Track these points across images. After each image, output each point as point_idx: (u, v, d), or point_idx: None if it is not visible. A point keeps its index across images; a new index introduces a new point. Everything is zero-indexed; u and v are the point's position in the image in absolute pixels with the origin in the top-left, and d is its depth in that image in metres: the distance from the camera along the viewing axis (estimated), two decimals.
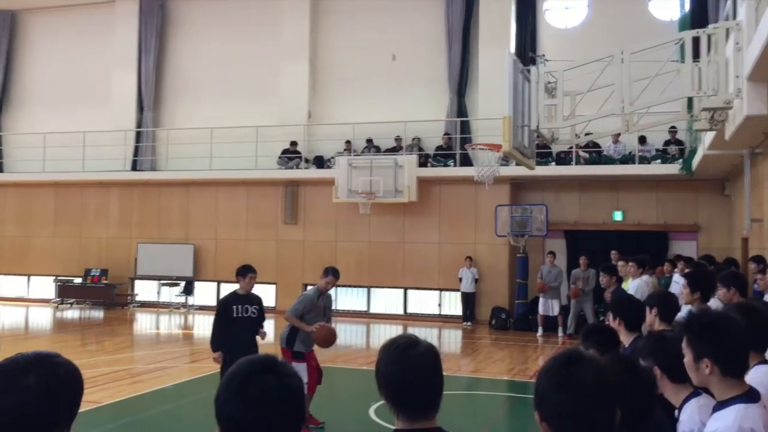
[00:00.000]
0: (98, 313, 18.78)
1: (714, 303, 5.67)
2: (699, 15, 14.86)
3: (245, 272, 7.28)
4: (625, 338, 4.26)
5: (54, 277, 20.36)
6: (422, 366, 2.06)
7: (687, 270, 8.55)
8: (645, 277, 11.61)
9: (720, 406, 2.57)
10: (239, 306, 7.21)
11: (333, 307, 8.28)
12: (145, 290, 20.17)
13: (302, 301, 7.60)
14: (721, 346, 2.57)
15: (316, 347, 7.63)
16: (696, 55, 8.40)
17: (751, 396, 2.56)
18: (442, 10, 18.40)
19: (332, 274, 7.61)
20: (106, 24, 21.18)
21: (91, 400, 8.47)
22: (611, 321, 4.38)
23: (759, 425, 2.49)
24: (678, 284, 9.24)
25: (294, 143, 18.65)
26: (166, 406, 8.98)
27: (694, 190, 16.22)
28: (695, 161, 14.16)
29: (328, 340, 7.47)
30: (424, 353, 2.08)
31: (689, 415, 2.87)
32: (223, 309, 7.27)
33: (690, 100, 9.08)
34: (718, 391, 2.59)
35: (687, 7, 15.87)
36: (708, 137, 11.35)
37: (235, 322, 7.15)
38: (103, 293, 19.70)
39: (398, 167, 16.84)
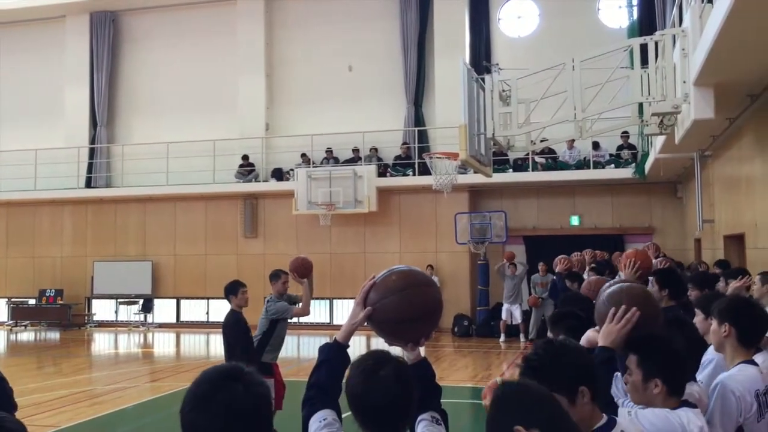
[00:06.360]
0: (54, 335, 18.31)
1: None
2: (647, 22, 15.26)
3: (238, 288, 6.90)
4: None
5: (7, 299, 19.81)
6: (392, 386, 2.02)
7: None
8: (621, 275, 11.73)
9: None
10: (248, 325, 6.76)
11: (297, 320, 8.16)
12: (102, 309, 19.75)
13: (273, 305, 7.24)
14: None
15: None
16: (644, 62, 8.61)
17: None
18: (397, 21, 18.51)
19: (282, 273, 7.30)
20: (57, 39, 20.76)
21: (49, 424, 8.26)
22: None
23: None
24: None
25: (246, 157, 18.52)
26: (127, 427, 8.79)
27: (648, 193, 16.59)
28: (647, 165, 14.49)
29: (305, 265, 7.20)
30: (394, 373, 2.04)
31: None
32: (248, 330, 6.83)
33: (640, 106, 9.30)
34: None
35: (635, 14, 16.31)
36: (659, 141, 11.63)
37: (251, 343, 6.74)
38: (59, 314, 19.22)
39: (357, 178, 16.86)
